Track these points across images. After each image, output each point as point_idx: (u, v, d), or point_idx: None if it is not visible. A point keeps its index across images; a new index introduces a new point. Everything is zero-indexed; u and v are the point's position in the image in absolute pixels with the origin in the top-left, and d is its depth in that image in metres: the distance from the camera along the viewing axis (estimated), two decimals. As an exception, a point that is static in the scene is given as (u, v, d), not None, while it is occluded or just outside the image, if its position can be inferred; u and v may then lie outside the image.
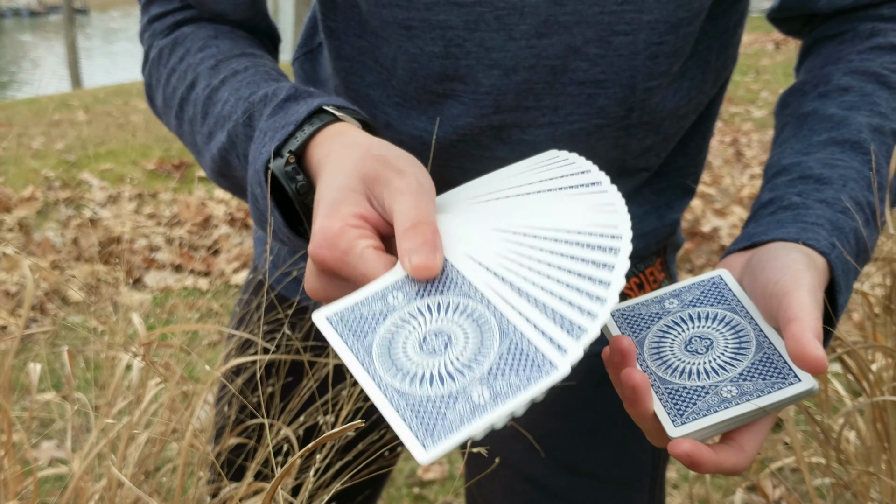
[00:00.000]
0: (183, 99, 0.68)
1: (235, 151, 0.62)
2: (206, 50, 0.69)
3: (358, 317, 0.48)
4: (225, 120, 0.63)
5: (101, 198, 3.92)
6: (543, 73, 0.64)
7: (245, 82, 0.64)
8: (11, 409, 0.83)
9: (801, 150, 0.63)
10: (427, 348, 0.46)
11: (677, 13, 0.63)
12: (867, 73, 0.66)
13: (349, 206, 0.49)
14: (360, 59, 0.70)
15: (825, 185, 0.60)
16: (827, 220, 0.58)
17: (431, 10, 0.63)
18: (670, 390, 0.52)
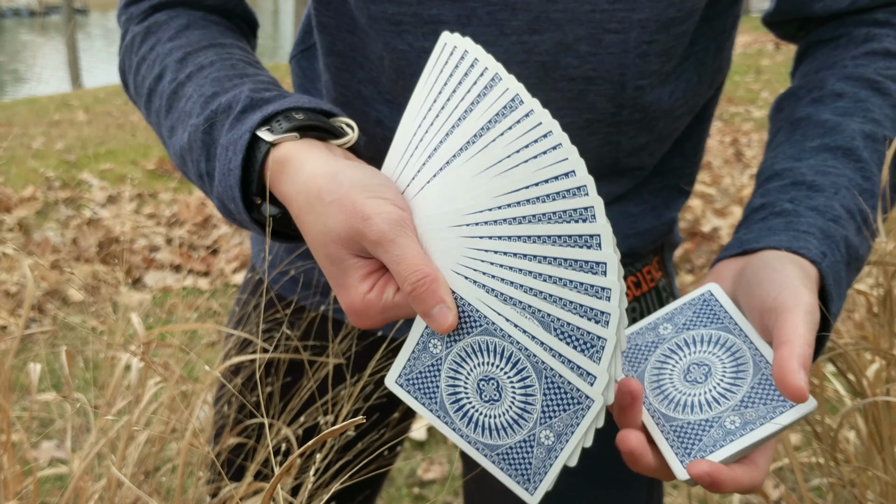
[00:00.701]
0: (151, 90, 0.69)
1: (191, 155, 0.63)
2: (177, 40, 0.69)
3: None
4: (186, 116, 0.64)
5: (101, 198, 3.92)
6: (534, 69, 0.64)
7: (209, 80, 0.64)
8: (11, 409, 0.83)
9: (793, 156, 0.63)
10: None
11: (668, 12, 0.63)
12: (861, 79, 0.66)
13: (350, 277, 0.52)
14: (351, 55, 0.70)
15: (817, 192, 0.60)
16: (818, 229, 0.57)
17: (423, 4, 0.63)
18: (675, 427, 0.52)
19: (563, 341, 0.48)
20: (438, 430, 0.52)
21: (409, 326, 0.80)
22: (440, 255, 0.51)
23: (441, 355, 0.51)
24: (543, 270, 0.48)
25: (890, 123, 0.64)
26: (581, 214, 0.48)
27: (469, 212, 0.50)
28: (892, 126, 0.64)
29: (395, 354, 0.81)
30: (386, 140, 0.71)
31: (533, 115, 0.50)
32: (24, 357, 1.77)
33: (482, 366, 0.50)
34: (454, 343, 0.51)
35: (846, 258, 0.58)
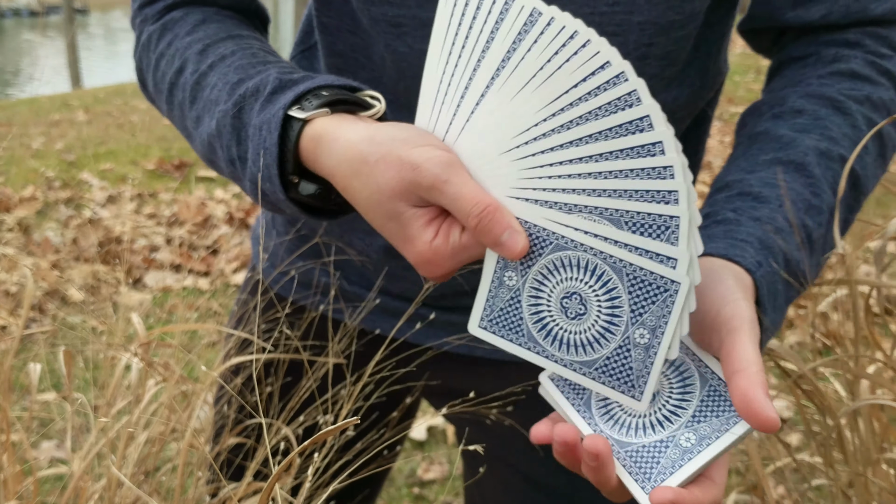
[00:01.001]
0: (172, 84, 0.69)
1: (221, 141, 0.63)
2: (194, 34, 0.69)
3: (501, 312, 0.52)
4: (213, 104, 0.64)
5: (101, 198, 3.92)
6: None
7: (232, 67, 0.65)
8: (11, 409, 0.83)
9: (745, 168, 0.63)
10: (571, 314, 0.50)
11: (668, 15, 0.63)
12: (823, 98, 0.65)
13: (412, 227, 0.52)
14: (352, 56, 0.71)
15: (762, 203, 0.59)
16: (757, 239, 0.57)
17: (422, 7, 0.63)
18: (630, 452, 0.50)
19: (636, 233, 0.47)
20: (533, 362, 0.51)
21: (410, 326, 0.80)
22: (495, 185, 0.50)
23: (518, 286, 0.51)
24: (601, 168, 0.48)
25: (848, 143, 0.63)
26: (626, 101, 0.47)
27: (515, 133, 0.50)
28: (850, 146, 0.63)
29: (396, 354, 0.81)
30: None
31: (555, 21, 0.50)
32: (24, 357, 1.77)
33: (562, 283, 0.50)
34: (529, 269, 0.50)
35: (785, 270, 0.58)
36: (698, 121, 0.78)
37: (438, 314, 0.78)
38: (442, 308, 0.78)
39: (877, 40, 0.67)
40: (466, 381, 0.80)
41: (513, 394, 0.77)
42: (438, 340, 0.80)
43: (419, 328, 0.79)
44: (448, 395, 0.83)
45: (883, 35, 0.68)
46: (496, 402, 0.78)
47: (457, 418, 0.85)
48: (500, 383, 0.78)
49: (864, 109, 0.65)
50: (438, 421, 2.10)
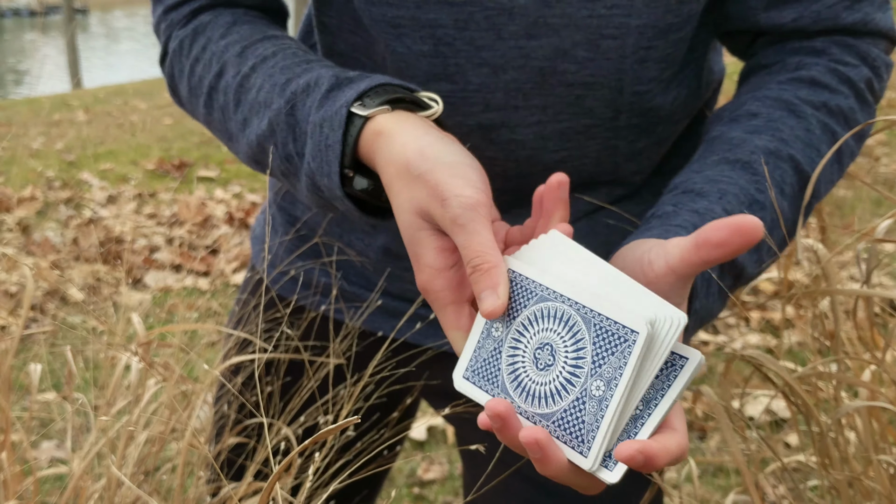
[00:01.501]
0: (212, 87, 0.68)
1: (274, 139, 0.63)
2: (229, 37, 0.69)
3: (482, 362, 0.53)
4: (261, 107, 0.64)
5: (101, 198, 3.93)
6: (532, 74, 0.65)
7: (278, 68, 0.65)
8: (11, 409, 0.83)
9: (693, 170, 0.63)
10: (542, 366, 0.50)
11: (666, 18, 0.63)
12: (778, 101, 0.65)
13: (424, 247, 0.53)
14: (353, 56, 0.71)
15: (701, 197, 0.59)
16: (692, 225, 0.57)
17: (421, 8, 0.63)
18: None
19: (624, 286, 0.48)
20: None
21: (410, 327, 0.80)
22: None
23: (502, 336, 0.52)
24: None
25: (800, 145, 0.63)
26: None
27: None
28: (803, 148, 0.63)
29: (396, 354, 0.81)
30: None
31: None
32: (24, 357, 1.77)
33: (538, 333, 0.51)
34: (513, 320, 0.52)
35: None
36: (697, 121, 0.78)
37: (439, 314, 0.79)
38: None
39: (844, 49, 0.67)
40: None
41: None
42: (438, 340, 0.80)
43: (419, 328, 0.79)
44: (447, 396, 0.83)
45: (851, 44, 0.67)
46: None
47: (456, 419, 0.85)
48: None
49: (820, 115, 0.65)
50: (438, 421, 2.10)
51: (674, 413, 0.49)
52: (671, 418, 0.48)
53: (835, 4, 0.66)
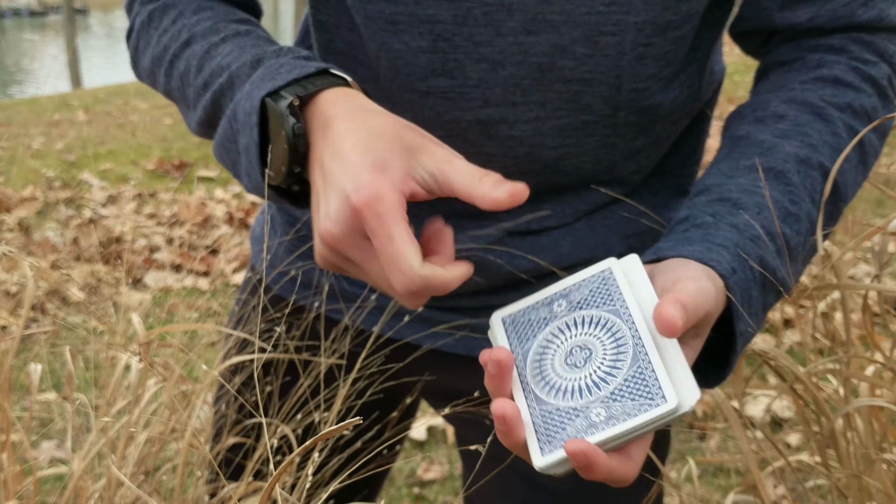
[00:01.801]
0: (175, 56, 0.69)
1: (232, 92, 0.63)
2: (202, 13, 0.70)
3: (526, 321, 0.54)
4: (224, 69, 0.64)
5: (101, 198, 3.93)
6: (530, 70, 0.65)
7: (249, 43, 0.65)
8: (11, 409, 0.83)
9: (725, 172, 0.63)
10: (571, 362, 0.52)
11: (664, 15, 0.63)
12: (804, 104, 0.65)
13: (398, 172, 0.53)
14: (351, 53, 0.71)
15: (740, 209, 0.60)
16: (733, 244, 0.57)
17: (420, 4, 0.63)
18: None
19: (679, 358, 0.49)
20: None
21: (408, 327, 0.80)
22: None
23: (559, 314, 0.53)
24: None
25: (828, 150, 0.63)
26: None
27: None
28: (830, 153, 0.63)
29: (396, 354, 0.81)
30: None
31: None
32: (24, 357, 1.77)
33: (589, 335, 0.52)
34: (578, 309, 0.53)
35: (760, 279, 0.58)
36: (697, 121, 0.78)
37: (437, 314, 0.79)
38: (440, 308, 0.78)
39: (862, 46, 0.67)
40: (465, 382, 0.81)
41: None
42: (438, 341, 0.80)
43: (418, 328, 0.79)
44: (447, 396, 0.83)
45: (868, 41, 0.68)
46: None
47: (455, 419, 0.85)
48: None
49: (846, 117, 0.65)
50: (438, 421, 2.10)
51: (639, 442, 0.50)
52: (632, 447, 0.50)
53: (850, 2, 0.66)
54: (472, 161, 0.69)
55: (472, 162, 0.68)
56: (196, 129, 0.69)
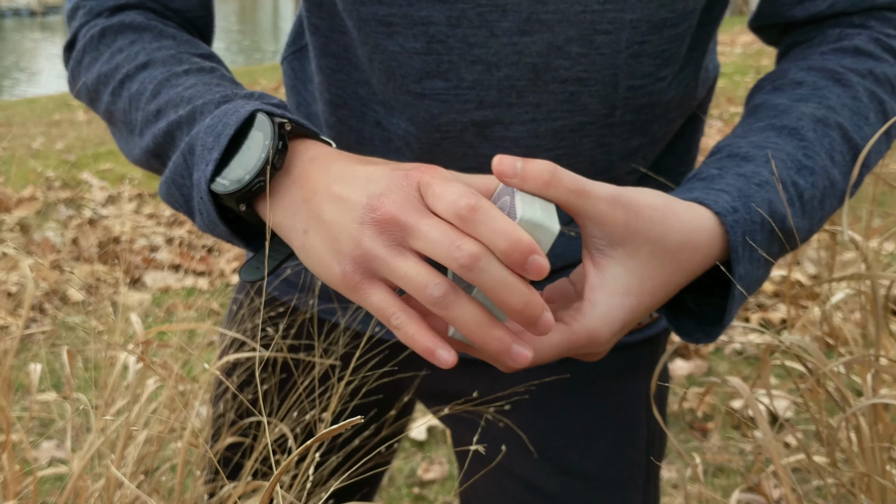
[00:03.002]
0: (127, 76, 0.66)
1: (190, 126, 0.59)
2: (163, 40, 0.68)
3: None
4: (185, 100, 0.61)
5: (101, 198, 3.93)
6: (526, 71, 0.64)
7: (215, 81, 0.63)
8: (11, 409, 0.83)
9: (738, 135, 0.62)
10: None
11: (660, 13, 0.63)
12: (823, 70, 0.65)
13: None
14: (345, 56, 0.70)
15: (747, 161, 0.58)
16: (736, 189, 0.55)
17: (413, 6, 0.63)
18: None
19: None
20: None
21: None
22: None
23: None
24: None
25: (847, 113, 0.62)
26: None
27: None
28: (851, 116, 0.62)
29: (395, 354, 0.81)
30: (386, 141, 0.71)
31: None
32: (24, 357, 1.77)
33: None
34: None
35: (767, 222, 0.56)
36: (691, 119, 0.78)
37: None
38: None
39: (883, 22, 0.68)
40: (461, 383, 0.81)
41: (507, 396, 0.77)
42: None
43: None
44: (443, 397, 0.83)
45: (889, 17, 0.68)
46: (492, 404, 0.78)
47: (451, 420, 0.85)
48: (494, 385, 0.78)
49: (867, 83, 0.64)
50: (438, 421, 2.11)
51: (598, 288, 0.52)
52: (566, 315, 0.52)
53: None
54: (468, 163, 0.69)
55: (468, 164, 0.69)
56: (138, 157, 0.65)
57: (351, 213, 0.50)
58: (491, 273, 0.46)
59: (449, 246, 0.46)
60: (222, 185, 0.55)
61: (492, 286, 0.46)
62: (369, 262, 0.49)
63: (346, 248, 0.49)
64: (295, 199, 0.54)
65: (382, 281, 0.49)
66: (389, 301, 0.49)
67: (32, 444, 0.94)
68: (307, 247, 0.52)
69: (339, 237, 0.50)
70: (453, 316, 0.47)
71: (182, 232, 3.51)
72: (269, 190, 0.55)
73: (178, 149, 0.60)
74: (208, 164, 0.55)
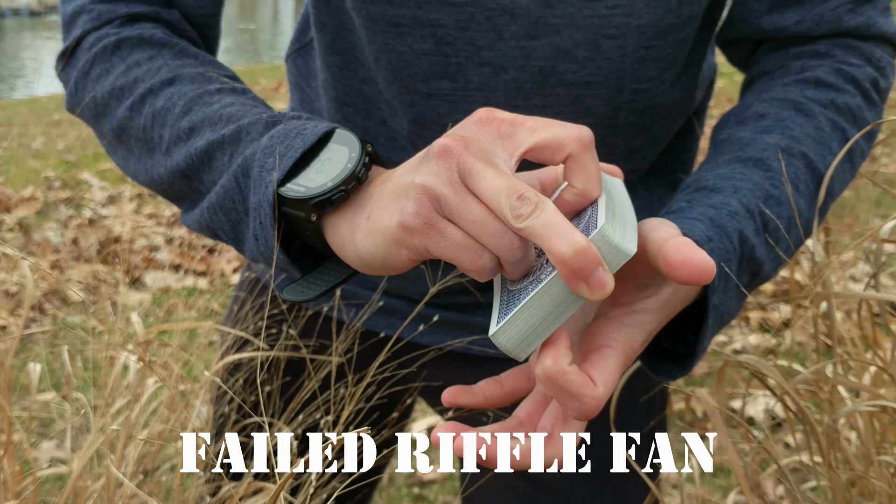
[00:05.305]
0: (150, 91, 0.61)
1: (236, 146, 0.55)
2: (186, 59, 0.63)
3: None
4: (226, 119, 0.57)
5: (101, 198, 3.93)
6: (532, 74, 0.65)
7: (251, 101, 0.60)
8: (11, 409, 0.83)
9: (705, 169, 0.62)
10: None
11: (666, 18, 0.64)
12: (785, 101, 0.65)
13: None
14: (352, 54, 0.71)
15: (715, 192, 0.57)
16: (708, 218, 0.55)
17: (423, 7, 0.63)
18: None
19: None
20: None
21: (408, 328, 0.80)
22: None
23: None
24: None
25: (811, 143, 0.62)
26: None
27: None
28: (814, 145, 0.62)
29: (395, 353, 0.81)
30: (391, 140, 0.71)
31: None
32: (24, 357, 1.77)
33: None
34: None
35: (739, 252, 0.55)
36: (690, 120, 0.78)
37: (433, 312, 0.79)
38: (439, 306, 0.78)
39: (847, 50, 0.67)
40: (464, 380, 0.81)
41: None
42: (436, 339, 0.80)
43: (417, 327, 0.79)
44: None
45: (854, 46, 0.68)
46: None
47: (454, 416, 0.85)
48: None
49: (829, 113, 0.64)
50: (438, 421, 2.10)
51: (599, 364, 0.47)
52: (591, 366, 0.47)
53: (838, 7, 0.66)
54: None
55: None
56: (161, 176, 0.61)
57: (412, 166, 0.47)
58: (549, 216, 0.42)
59: (509, 188, 0.43)
60: (297, 191, 0.51)
61: (545, 232, 0.42)
62: (439, 189, 0.44)
63: (417, 180, 0.45)
64: (360, 201, 0.51)
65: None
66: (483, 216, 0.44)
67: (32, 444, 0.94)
68: (370, 225, 0.48)
69: (404, 185, 0.46)
70: (543, 220, 0.42)
71: (182, 232, 3.51)
72: (336, 209, 0.51)
73: (219, 170, 0.56)
74: (268, 184, 0.52)
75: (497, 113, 0.47)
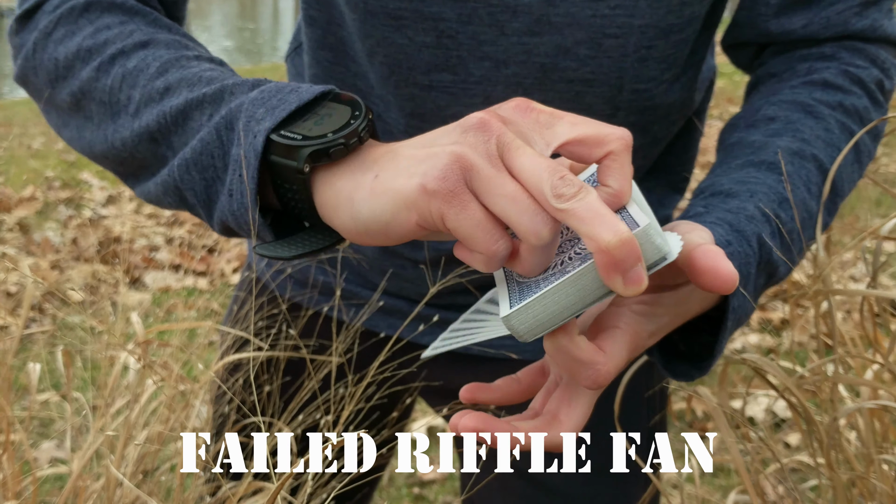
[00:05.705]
0: (121, 52, 0.57)
1: (218, 105, 0.52)
2: (159, 28, 0.61)
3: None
4: (206, 81, 0.54)
5: (101, 198, 3.93)
6: (533, 70, 0.65)
7: (229, 71, 0.58)
8: (11, 409, 0.83)
9: (717, 174, 0.62)
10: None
11: (668, 19, 0.64)
12: (794, 104, 0.65)
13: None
14: (342, 49, 0.71)
15: (732, 197, 0.58)
16: (726, 223, 0.55)
17: (424, 1, 0.63)
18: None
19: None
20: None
21: (408, 328, 0.80)
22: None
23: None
24: None
25: (821, 144, 0.63)
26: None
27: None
28: (824, 147, 0.63)
29: (395, 353, 0.81)
30: (386, 134, 0.71)
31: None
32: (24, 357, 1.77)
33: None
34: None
35: (758, 255, 0.55)
36: (689, 120, 0.79)
37: (432, 312, 0.79)
38: (439, 306, 0.78)
39: (853, 53, 0.68)
40: (464, 380, 0.80)
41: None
42: (436, 338, 0.80)
43: (414, 326, 0.79)
44: (445, 394, 0.83)
45: (860, 48, 0.68)
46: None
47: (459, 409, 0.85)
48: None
49: (837, 114, 0.65)
50: (438, 421, 2.10)
51: (610, 337, 0.46)
52: (603, 340, 0.46)
53: (844, 10, 0.67)
54: None
55: None
56: (124, 140, 0.56)
57: (442, 134, 0.45)
58: (594, 200, 0.40)
59: (551, 167, 0.41)
60: (293, 137, 0.47)
61: (589, 216, 0.40)
62: (474, 160, 0.42)
63: (449, 148, 0.43)
64: (362, 161, 0.47)
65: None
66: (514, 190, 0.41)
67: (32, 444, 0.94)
68: (378, 185, 0.45)
69: (431, 152, 0.43)
70: (586, 204, 0.40)
71: (182, 232, 3.51)
72: (332, 164, 0.48)
73: (194, 131, 0.52)
74: (256, 133, 0.48)
75: (535, 103, 0.46)
